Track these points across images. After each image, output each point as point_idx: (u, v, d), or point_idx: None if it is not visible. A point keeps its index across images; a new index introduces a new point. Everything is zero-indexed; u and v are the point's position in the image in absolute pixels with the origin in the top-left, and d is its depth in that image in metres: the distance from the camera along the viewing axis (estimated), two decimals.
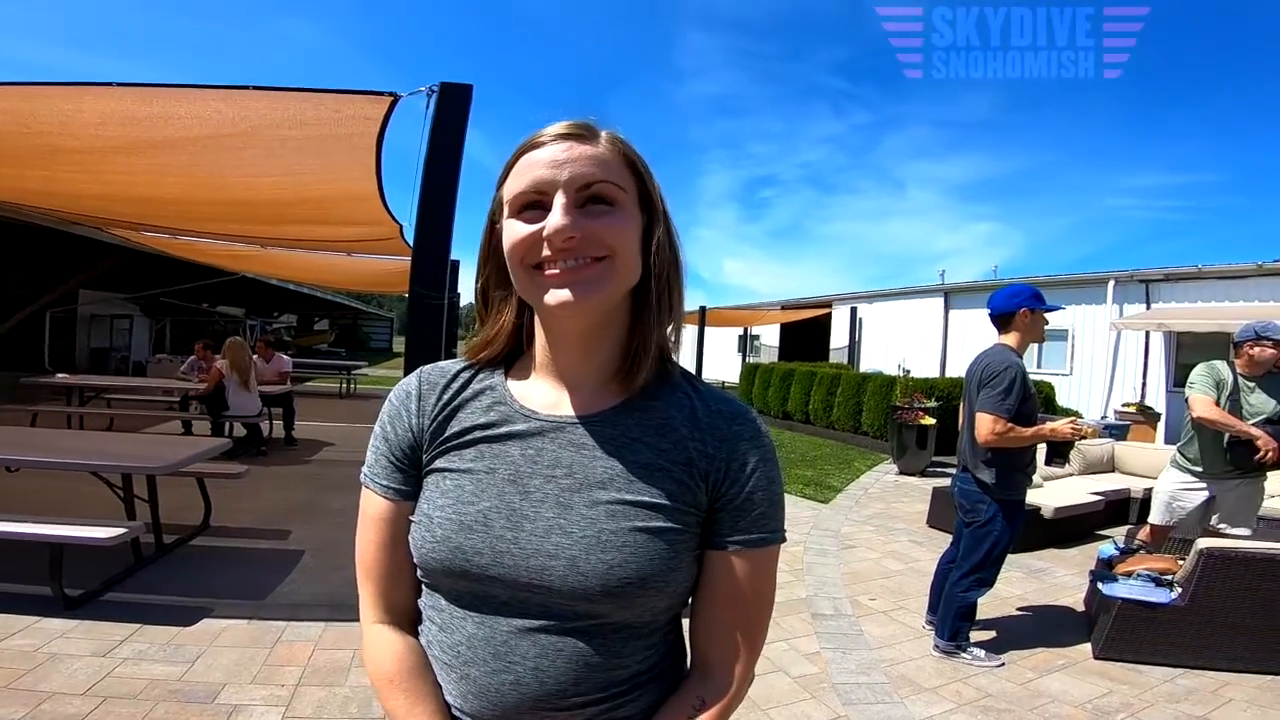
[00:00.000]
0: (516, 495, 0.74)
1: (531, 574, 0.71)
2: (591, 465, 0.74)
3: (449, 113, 3.21)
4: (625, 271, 0.72)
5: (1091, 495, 5.65)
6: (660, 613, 0.76)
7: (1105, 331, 12.06)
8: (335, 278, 12.37)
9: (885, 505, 6.66)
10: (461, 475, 0.76)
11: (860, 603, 3.97)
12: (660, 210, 0.77)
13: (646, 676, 0.76)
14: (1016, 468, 3.15)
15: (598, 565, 0.70)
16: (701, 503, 0.75)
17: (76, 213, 5.79)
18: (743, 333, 25.31)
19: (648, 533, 0.71)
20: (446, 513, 0.74)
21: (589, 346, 0.77)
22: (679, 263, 0.80)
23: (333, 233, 6.07)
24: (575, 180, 0.69)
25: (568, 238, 0.68)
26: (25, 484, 5.04)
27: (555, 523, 0.72)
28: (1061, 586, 4.42)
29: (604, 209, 0.71)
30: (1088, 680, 3.10)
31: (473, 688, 0.73)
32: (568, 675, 0.71)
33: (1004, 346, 3.22)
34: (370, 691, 2.62)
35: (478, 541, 0.72)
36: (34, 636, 2.86)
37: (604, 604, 0.71)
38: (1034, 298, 3.21)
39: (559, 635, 0.72)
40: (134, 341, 19.02)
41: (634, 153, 0.76)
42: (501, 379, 0.82)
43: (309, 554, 4.16)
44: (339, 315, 39.81)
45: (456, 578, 0.74)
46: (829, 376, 12.06)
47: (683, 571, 0.74)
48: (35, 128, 3.26)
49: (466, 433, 0.78)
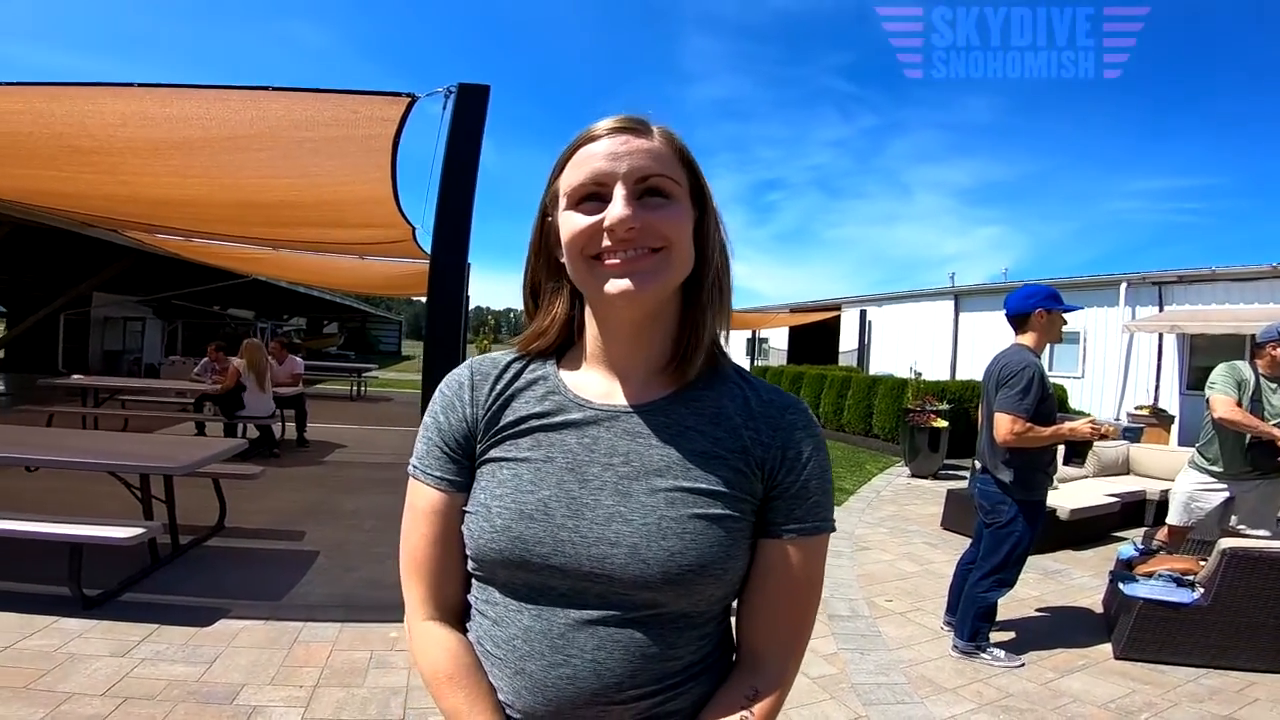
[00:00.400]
0: (575, 483, 0.74)
1: (593, 562, 0.70)
2: (648, 453, 0.74)
3: (466, 113, 3.22)
4: (681, 262, 0.73)
5: (1107, 497, 5.63)
6: (715, 602, 0.76)
7: (1118, 334, 11.97)
8: (346, 280, 12.42)
9: (898, 508, 6.63)
10: (519, 464, 0.76)
11: (877, 604, 3.95)
12: (710, 204, 0.78)
13: (699, 668, 0.76)
14: (1037, 468, 3.13)
15: (659, 553, 0.70)
16: (757, 491, 0.75)
17: (92, 214, 5.84)
18: (751, 335, 25.25)
19: (707, 520, 0.71)
20: (505, 502, 0.74)
21: (641, 336, 0.77)
22: (728, 255, 0.81)
23: (347, 235, 6.09)
24: (634, 173, 0.70)
25: (629, 228, 0.69)
26: (41, 484, 5.07)
27: (615, 510, 0.72)
28: (1079, 588, 4.39)
29: (660, 201, 0.72)
30: (1109, 680, 3.08)
31: (528, 683, 0.72)
32: (625, 667, 0.71)
33: (1021, 346, 3.21)
34: (387, 692, 2.62)
35: (539, 530, 0.72)
36: (53, 636, 2.86)
37: (664, 592, 0.70)
38: (1050, 298, 3.20)
39: (617, 626, 0.71)
40: (146, 344, 19.14)
41: (686, 148, 0.76)
42: (554, 369, 0.82)
43: (323, 555, 4.17)
44: (348, 318, 39.91)
45: (515, 568, 0.73)
46: (839, 379, 12.01)
47: (739, 559, 0.74)
48: (54, 128, 3.28)
49: (522, 422, 0.78)
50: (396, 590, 2.82)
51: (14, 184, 4.46)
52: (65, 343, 16.52)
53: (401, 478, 0.84)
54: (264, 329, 25.53)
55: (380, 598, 3.51)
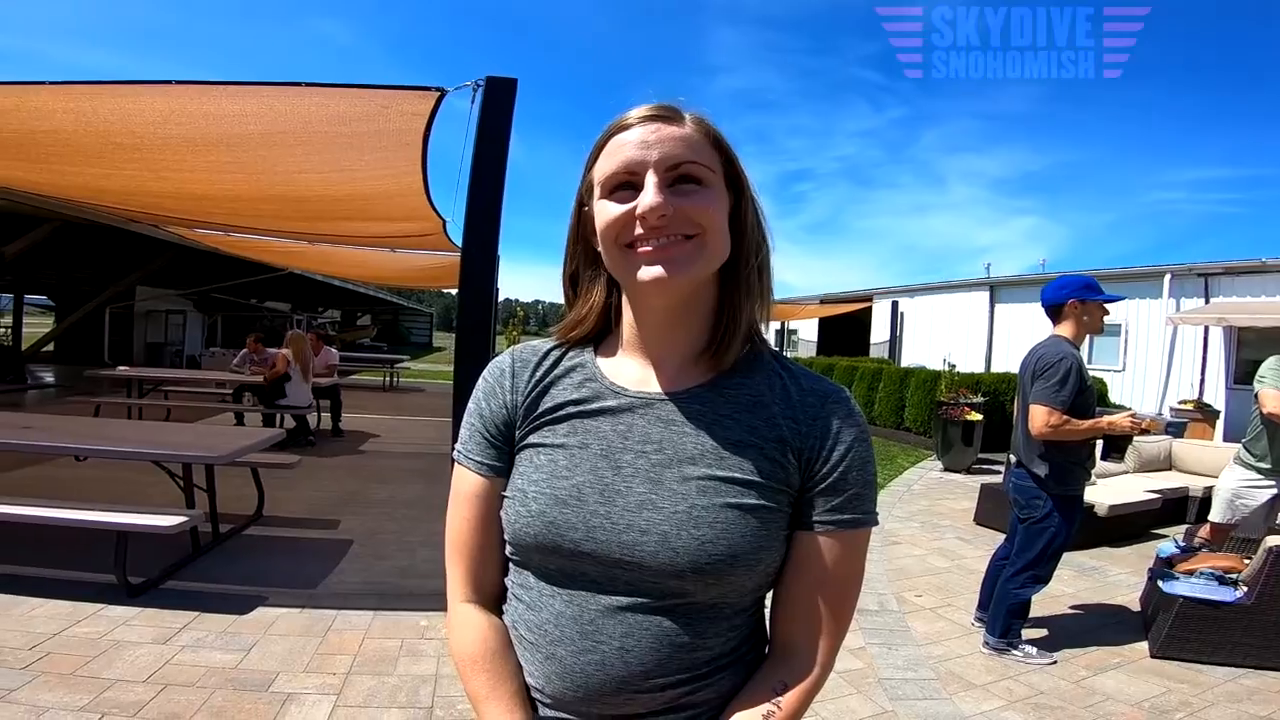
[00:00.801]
0: (609, 470, 0.74)
1: (623, 549, 0.71)
2: (681, 441, 0.74)
3: (494, 107, 3.23)
4: (714, 249, 0.73)
5: (1148, 493, 5.49)
6: (746, 593, 0.75)
7: (1161, 326, 11.59)
8: (379, 273, 12.63)
9: (930, 502, 6.53)
10: (555, 450, 0.77)
11: (906, 599, 3.90)
12: (748, 190, 0.78)
13: (727, 660, 0.75)
14: (1075, 462, 3.05)
15: (689, 541, 0.69)
16: (794, 481, 0.74)
17: (134, 210, 6.00)
18: (780, 327, 25.05)
19: (739, 509, 0.71)
20: (541, 487, 0.75)
21: (677, 323, 0.77)
22: (767, 241, 0.80)
23: (379, 228, 6.18)
24: (665, 160, 0.70)
25: (660, 215, 0.69)
26: (88, 473, 5.25)
27: (647, 498, 0.72)
28: (1115, 585, 4.30)
29: (693, 188, 0.71)
30: (1144, 679, 3.02)
31: (558, 668, 0.73)
32: (652, 656, 0.71)
33: (1058, 338, 3.13)
34: (417, 681, 2.67)
35: (571, 516, 0.72)
36: (99, 624, 2.95)
37: (693, 581, 0.70)
38: (1085, 287, 3.10)
39: (646, 614, 0.71)
40: (187, 336, 19.66)
41: (719, 133, 0.76)
42: (591, 356, 0.83)
43: (357, 543, 4.24)
44: (381, 310, 40.56)
45: (548, 553, 0.74)
46: (870, 371, 11.86)
47: (773, 551, 0.73)
48: (99, 126, 3.38)
49: (559, 408, 0.79)
50: (426, 580, 2.89)
51: (61, 180, 4.60)
52: (111, 335, 17.06)
53: (431, 468, 0.86)
54: (300, 321, 26.07)
55: (411, 586, 3.57)
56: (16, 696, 2.31)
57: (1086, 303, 3.09)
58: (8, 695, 2.32)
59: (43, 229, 9.94)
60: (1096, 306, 3.10)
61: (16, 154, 3.89)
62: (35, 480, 5.03)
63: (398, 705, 2.50)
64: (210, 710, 2.36)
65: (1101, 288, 3.13)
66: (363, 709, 2.46)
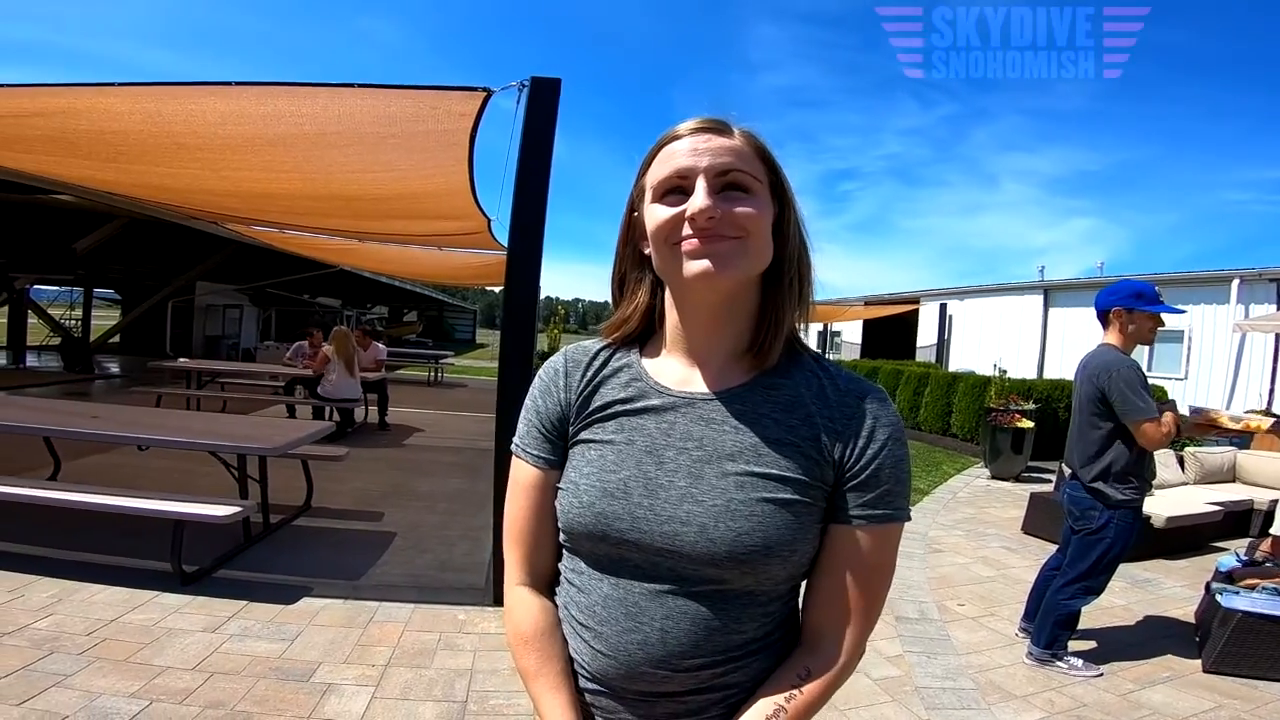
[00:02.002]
0: (653, 465, 0.79)
1: (665, 539, 0.76)
2: (721, 438, 0.78)
3: (539, 106, 3.24)
4: (758, 253, 0.77)
5: (1209, 505, 5.28)
6: (781, 582, 0.79)
7: (1227, 333, 11.06)
8: (425, 270, 12.88)
9: (976, 510, 6.36)
10: (604, 446, 0.82)
11: (948, 608, 3.81)
12: (791, 200, 0.82)
13: (759, 644, 0.80)
14: (1134, 473, 2.93)
15: (726, 533, 0.74)
16: (828, 477, 0.78)
17: (196, 208, 6.23)
18: (823, 329, 24.69)
19: (774, 504, 0.75)
20: (591, 480, 0.80)
21: (719, 324, 0.81)
22: (808, 249, 0.84)
23: (426, 227, 6.29)
24: (714, 167, 0.75)
25: (709, 217, 0.73)
26: (146, 462, 5.48)
27: (688, 491, 0.77)
28: (1170, 598, 4.15)
29: (740, 195, 0.76)
30: (1194, 694, 2.92)
31: (604, 646, 0.78)
32: (690, 637, 0.76)
33: (1108, 346, 3.02)
34: (452, 674, 2.70)
35: (618, 508, 0.78)
36: (153, 611, 3.05)
37: (729, 570, 0.75)
38: (1134, 296, 2.97)
39: (685, 599, 0.76)
40: (243, 329, 20.38)
41: (766, 146, 0.80)
42: (637, 357, 0.88)
43: (400, 536, 4.32)
44: (426, 307, 41.37)
45: (597, 541, 0.79)
46: (916, 375, 11.58)
47: (806, 543, 0.77)
48: (164, 127, 3.51)
49: (608, 407, 0.84)
50: (465, 573, 2.92)
51: (128, 179, 4.81)
52: (172, 328, 17.77)
53: (472, 462, 0.92)
54: (349, 317, 26.77)
55: (450, 580, 3.61)
56: (72, 682, 2.40)
57: (1133, 312, 2.96)
58: (64, 680, 2.41)
59: (112, 225, 10.41)
60: (1145, 317, 2.96)
61: (89, 153, 4.07)
62: (101, 468, 5.27)
63: (433, 698, 2.53)
64: (253, 699, 2.42)
65: (1158, 296, 2.98)
66: (400, 701, 2.49)
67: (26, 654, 2.56)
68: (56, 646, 2.64)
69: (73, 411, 4.57)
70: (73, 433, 3.80)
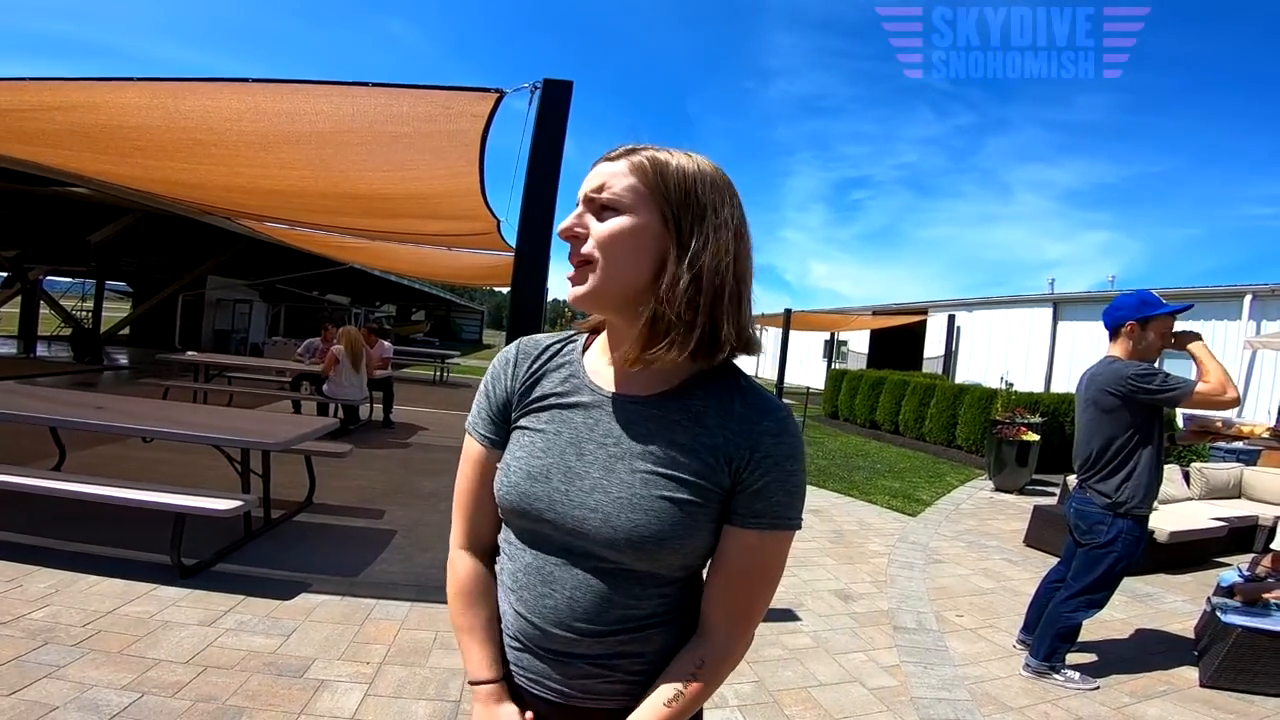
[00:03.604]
0: (574, 456, 0.88)
1: (575, 522, 0.85)
2: (635, 439, 0.87)
3: (551, 109, 3.25)
4: (605, 276, 0.83)
5: (1213, 520, 5.28)
6: (677, 568, 0.88)
7: (1238, 349, 10.96)
8: (434, 270, 12.91)
9: (978, 521, 6.33)
10: (535, 434, 0.91)
11: (946, 619, 3.80)
12: (697, 232, 0.83)
13: (659, 620, 0.89)
14: (1154, 479, 2.92)
15: (626, 522, 0.83)
16: (724, 483, 0.85)
17: (209, 203, 6.27)
18: (829, 338, 24.63)
19: (671, 501, 0.83)
20: (521, 463, 0.90)
21: (626, 335, 0.87)
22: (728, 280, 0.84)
23: (436, 226, 6.30)
24: (584, 191, 0.85)
25: (571, 237, 0.84)
26: (151, 455, 5.50)
27: (599, 483, 0.86)
28: (1170, 612, 4.15)
29: (609, 215, 0.83)
30: (1191, 708, 2.92)
31: (523, 608, 0.90)
32: (594, 606, 0.86)
33: (1111, 357, 3.03)
34: (447, 674, 2.70)
35: (539, 490, 0.87)
36: (150, 604, 3.06)
37: (627, 554, 0.84)
38: (1140, 305, 2.94)
39: (591, 574, 0.86)
40: (252, 324, 20.50)
41: (661, 174, 0.83)
42: (580, 355, 0.96)
43: (400, 534, 4.32)
44: (434, 307, 41.48)
45: (520, 517, 0.90)
46: (923, 386, 11.53)
47: (699, 538, 0.86)
48: (181, 122, 3.53)
49: (545, 398, 0.93)
50: None
51: (144, 174, 4.84)
52: (182, 321, 17.91)
53: None
54: (358, 314, 26.88)
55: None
56: (65, 673, 2.40)
57: (1147, 323, 2.94)
58: (56, 671, 2.41)
59: (126, 218, 10.50)
60: (1159, 323, 2.93)
61: (106, 147, 4.10)
62: (105, 459, 5.30)
63: (426, 697, 2.53)
64: (245, 694, 2.41)
65: (1160, 300, 2.94)
66: (392, 699, 2.49)
67: (20, 644, 2.56)
68: (51, 637, 2.64)
69: (79, 402, 4.60)
70: (78, 423, 3.83)
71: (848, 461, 9.18)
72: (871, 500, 6.81)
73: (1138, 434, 2.89)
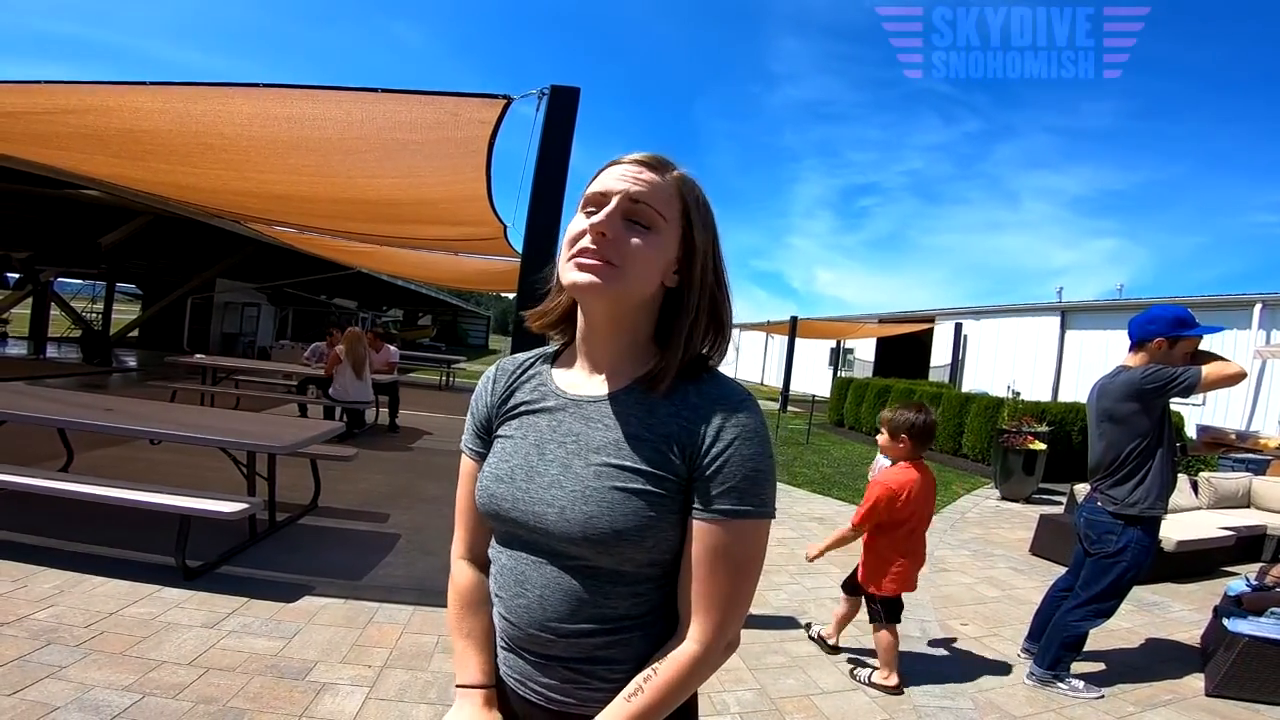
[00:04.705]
0: (535, 456, 0.92)
1: (535, 518, 0.88)
2: (592, 434, 0.90)
3: (558, 115, 3.26)
4: (632, 284, 0.86)
5: (1221, 530, 5.28)
6: (643, 564, 0.87)
7: (1248, 359, 10.88)
8: (440, 275, 12.96)
9: (984, 530, 6.30)
10: (506, 440, 0.97)
11: (951, 627, 3.78)
12: (704, 247, 0.91)
13: (634, 622, 0.89)
14: (1166, 481, 2.91)
15: (579, 515, 0.85)
16: (680, 472, 0.86)
17: (219, 207, 6.32)
18: (835, 345, 24.57)
19: (625, 492, 0.85)
20: (491, 468, 0.96)
21: (610, 336, 0.92)
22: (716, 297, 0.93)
23: (443, 232, 6.34)
24: (628, 195, 0.85)
25: (600, 233, 0.84)
26: (158, 456, 5.53)
27: (556, 479, 0.89)
28: (1177, 621, 4.13)
29: (640, 230, 0.86)
30: (1196, 717, 2.94)
31: (503, 609, 0.93)
32: (565, 605, 0.87)
33: (1123, 367, 3.01)
34: (448, 678, 2.69)
35: (504, 490, 0.92)
36: (154, 605, 3.06)
37: (586, 548, 0.85)
38: (1176, 324, 2.89)
39: (559, 571, 0.88)
40: (260, 328, 20.61)
41: (694, 195, 0.90)
42: (549, 366, 1.01)
43: (404, 538, 4.33)
44: (441, 311, 41.65)
45: (493, 519, 0.94)
46: (929, 395, 11.47)
47: (659, 531, 0.85)
48: (192, 127, 3.56)
49: (516, 408, 0.99)
50: None
51: (155, 177, 4.88)
52: (191, 324, 18.00)
53: None
54: (365, 318, 26.98)
55: None
56: (67, 674, 2.41)
57: (1176, 342, 2.89)
58: (58, 672, 2.41)
59: (137, 221, 10.58)
60: (1187, 343, 2.89)
61: (119, 151, 4.14)
62: (112, 461, 5.33)
63: (427, 701, 2.53)
64: (246, 696, 2.42)
65: (1195, 320, 2.90)
66: (394, 703, 2.49)
67: (23, 645, 2.57)
68: (54, 638, 2.65)
69: (88, 404, 4.64)
70: (86, 425, 3.85)
71: (853, 470, 9.14)
72: None
73: (1149, 439, 2.89)
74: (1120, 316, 13.49)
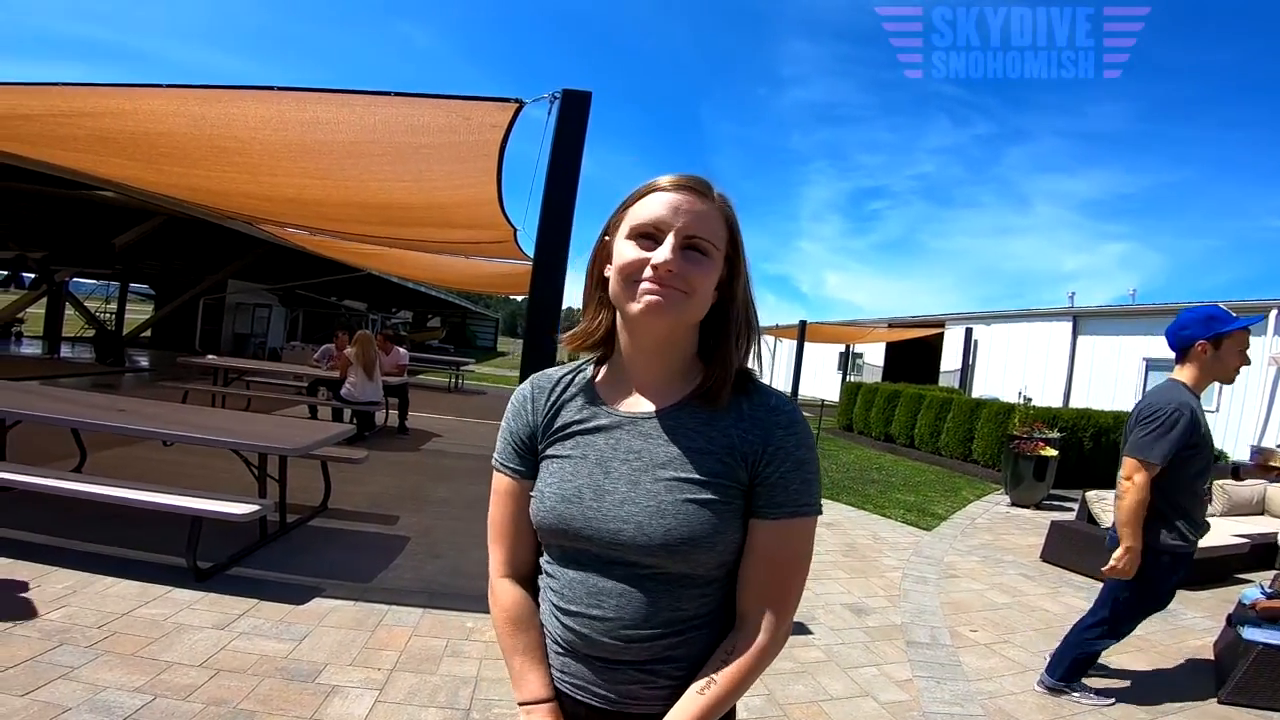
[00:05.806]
0: (601, 474, 0.95)
1: (610, 535, 0.92)
2: (655, 450, 0.94)
3: (569, 119, 3.27)
4: (697, 307, 0.92)
5: (1235, 537, 5.25)
6: (712, 567, 0.93)
7: (1262, 365, 10.75)
8: (450, 277, 13.01)
9: (994, 536, 6.26)
10: (564, 460, 0.98)
11: (960, 634, 3.75)
12: (742, 266, 0.97)
13: (701, 620, 0.94)
14: (1193, 522, 2.76)
15: (658, 529, 0.90)
16: (743, 479, 0.93)
17: (232, 210, 6.36)
18: (844, 350, 24.47)
19: (696, 503, 0.91)
20: (553, 489, 0.97)
21: (660, 356, 0.97)
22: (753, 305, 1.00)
23: (453, 235, 6.36)
24: (686, 229, 0.89)
25: (669, 270, 0.87)
26: (169, 457, 5.57)
27: (628, 496, 0.93)
28: (1189, 629, 4.09)
29: (698, 257, 0.90)
30: None
31: (572, 621, 0.95)
32: (640, 612, 0.92)
33: (1175, 383, 2.79)
34: (457, 681, 2.70)
35: (574, 510, 0.94)
36: (165, 606, 3.08)
37: (664, 558, 0.90)
38: (1208, 322, 2.71)
39: (632, 582, 0.92)
40: (271, 329, 20.74)
41: (734, 217, 0.96)
42: (591, 382, 1.03)
43: (413, 540, 4.33)
44: (450, 313, 41.79)
45: (560, 537, 0.96)
46: (939, 400, 11.42)
47: (727, 534, 0.92)
48: (205, 130, 3.58)
49: (567, 427, 1.00)
50: (476, 580, 2.93)
51: (169, 180, 4.92)
52: (203, 325, 18.14)
53: (488, 470, 1.08)
54: (375, 320, 27.12)
55: (461, 586, 3.61)
56: (79, 674, 2.42)
57: (1220, 342, 2.70)
58: (70, 673, 2.42)
59: (150, 222, 10.68)
60: (1232, 341, 2.70)
61: (133, 153, 4.17)
62: (125, 461, 5.36)
63: (436, 705, 2.52)
64: (257, 698, 2.42)
65: (1230, 314, 2.71)
66: (403, 706, 2.49)
67: (36, 645, 2.58)
68: (66, 638, 2.66)
69: (101, 404, 4.67)
70: (99, 425, 3.88)
71: (862, 475, 9.10)
72: (886, 514, 6.75)
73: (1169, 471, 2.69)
74: (1133, 322, 13.39)
